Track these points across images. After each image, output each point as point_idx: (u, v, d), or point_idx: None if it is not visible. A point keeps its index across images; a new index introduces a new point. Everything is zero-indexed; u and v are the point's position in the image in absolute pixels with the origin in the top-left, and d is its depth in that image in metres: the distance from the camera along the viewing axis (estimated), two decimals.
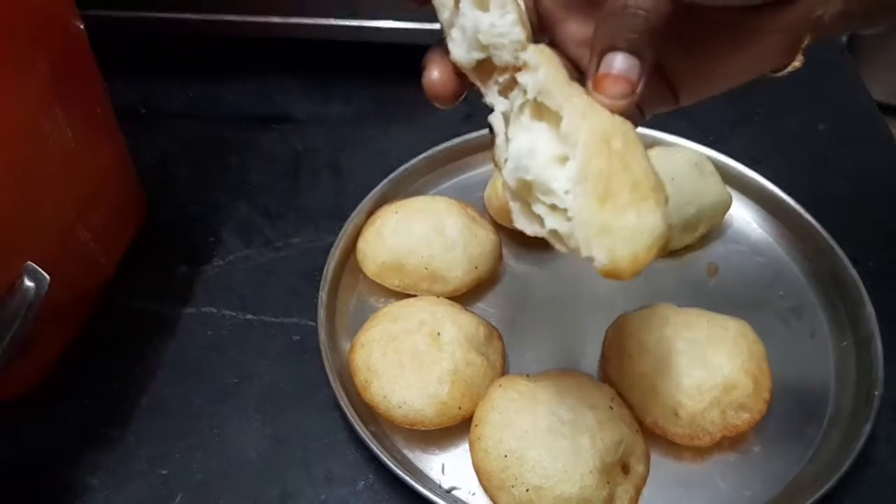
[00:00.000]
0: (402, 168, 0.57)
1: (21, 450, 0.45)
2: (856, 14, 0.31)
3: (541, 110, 0.31)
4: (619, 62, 0.29)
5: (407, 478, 0.40)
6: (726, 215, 0.55)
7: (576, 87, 0.30)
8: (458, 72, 0.33)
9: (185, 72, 0.71)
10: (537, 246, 0.52)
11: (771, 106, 0.67)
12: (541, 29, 0.34)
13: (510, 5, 0.30)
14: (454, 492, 0.42)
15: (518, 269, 0.54)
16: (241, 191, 0.60)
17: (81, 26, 0.45)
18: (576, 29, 0.34)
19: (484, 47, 0.31)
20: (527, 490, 0.39)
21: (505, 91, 0.32)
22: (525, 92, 0.30)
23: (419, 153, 0.58)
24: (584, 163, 0.28)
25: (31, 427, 0.46)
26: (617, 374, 0.45)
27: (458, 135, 0.59)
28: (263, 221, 0.58)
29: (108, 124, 0.49)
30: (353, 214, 0.54)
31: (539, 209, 0.30)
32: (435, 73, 0.33)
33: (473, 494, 0.42)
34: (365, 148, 0.64)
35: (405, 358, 0.44)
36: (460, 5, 0.31)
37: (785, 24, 0.31)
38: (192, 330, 0.51)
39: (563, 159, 0.29)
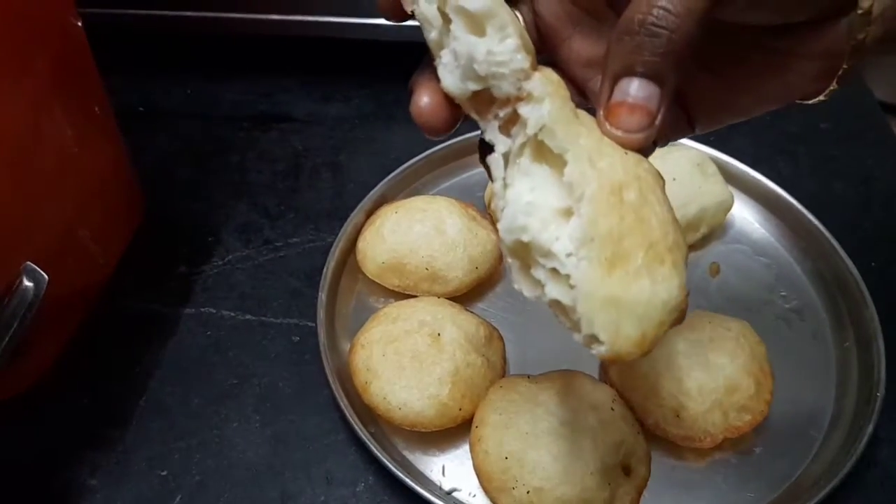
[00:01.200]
0: (401, 167, 0.57)
1: (20, 450, 0.45)
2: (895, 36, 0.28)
3: (543, 151, 0.26)
4: (635, 89, 0.25)
5: (407, 479, 0.40)
6: (728, 215, 0.55)
7: (584, 123, 0.26)
8: (451, 98, 0.28)
9: (185, 71, 0.70)
10: None
11: None
12: (541, 46, 0.30)
13: (511, 27, 0.25)
14: (454, 493, 0.42)
15: None
16: (241, 190, 0.60)
17: (80, 25, 0.45)
18: (582, 47, 0.30)
19: (481, 78, 0.26)
20: (527, 492, 0.39)
21: (507, 126, 0.27)
22: (526, 126, 0.26)
23: (419, 153, 0.58)
24: (590, 221, 0.24)
25: (30, 427, 0.46)
26: (618, 376, 0.45)
27: (459, 134, 0.59)
28: (263, 221, 0.58)
29: (107, 123, 0.49)
30: (352, 214, 0.54)
31: (539, 274, 0.26)
32: (424, 100, 0.28)
33: (474, 496, 0.42)
34: (365, 147, 0.64)
35: (405, 359, 0.43)
36: (451, 27, 0.26)
37: (823, 48, 0.28)
38: (192, 330, 0.51)
39: (567, 213, 0.25)
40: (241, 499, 0.43)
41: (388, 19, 0.28)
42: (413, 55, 0.32)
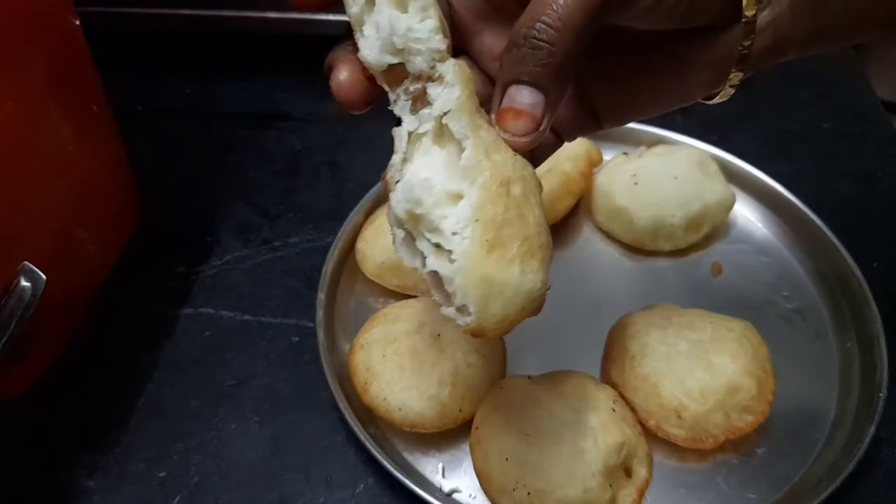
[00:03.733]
0: None
1: (18, 451, 0.45)
2: (793, 43, 0.30)
3: (444, 135, 0.28)
4: (521, 96, 0.28)
5: (407, 481, 0.40)
6: (730, 214, 0.54)
7: (484, 119, 0.28)
8: (367, 74, 0.30)
9: (183, 70, 0.70)
10: None
11: (775, 104, 0.67)
12: (455, 40, 0.32)
13: (431, 10, 0.28)
14: (454, 495, 0.42)
15: None
16: (239, 190, 0.60)
17: (77, 23, 0.44)
18: (492, 42, 0.32)
19: (399, 51, 0.28)
20: (528, 493, 0.38)
21: (415, 104, 0.29)
22: (433, 107, 0.28)
23: None
24: (478, 206, 0.26)
25: (27, 428, 0.46)
26: (619, 376, 0.44)
27: None
28: (262, 221, 0.58)
29: (104, 123, 0.49)
30: (351, 214, 0.54)
31: (423, 246, 0.28)
32: (343, 75, 0.30)
33: (474, 498, 0.42)
34: (364, 146, 0.64)
35: (405, 359, 0.43)
36: (376, 1, 0.28)
37: (716, 55, 0.30)
38: (190, 331, 0.50)
39: (457, 197, 0.27)
40: (239, 500, 0.42)
41: (300, 9, 0.30)
42: None
